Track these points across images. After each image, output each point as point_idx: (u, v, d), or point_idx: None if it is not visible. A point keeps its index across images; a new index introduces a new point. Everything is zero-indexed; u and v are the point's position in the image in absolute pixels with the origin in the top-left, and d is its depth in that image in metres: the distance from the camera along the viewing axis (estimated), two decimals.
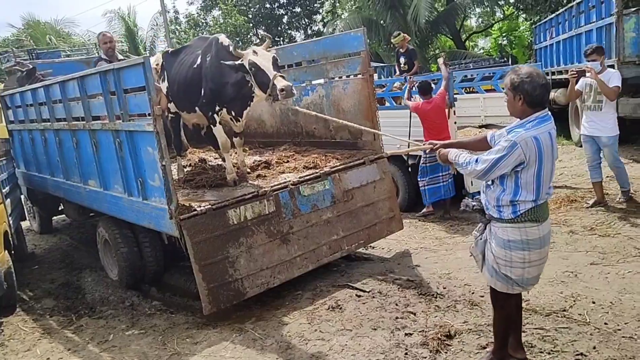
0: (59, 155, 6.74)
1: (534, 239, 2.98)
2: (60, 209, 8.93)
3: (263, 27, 28.29)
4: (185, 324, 4.82)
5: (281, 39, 28.18)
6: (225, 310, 4.74)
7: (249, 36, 27.26)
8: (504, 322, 3.34)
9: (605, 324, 3.82)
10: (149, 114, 4.46)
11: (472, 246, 3.36)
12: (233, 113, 5.46)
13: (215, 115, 5.43)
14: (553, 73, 12.09)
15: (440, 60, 7.72)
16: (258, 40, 28.73)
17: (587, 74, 6.30)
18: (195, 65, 5.48)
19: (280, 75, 4.85)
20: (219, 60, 5.17)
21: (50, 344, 4.74)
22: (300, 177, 5.43)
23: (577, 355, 3.45)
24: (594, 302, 4.16)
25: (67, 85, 5.94)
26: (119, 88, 4.89)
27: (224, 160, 5.73)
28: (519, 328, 3.47)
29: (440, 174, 7.16)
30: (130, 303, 5.52)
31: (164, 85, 5.94)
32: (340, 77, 6.45)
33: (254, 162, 6.29)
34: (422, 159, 7.23)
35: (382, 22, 21.49)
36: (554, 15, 12.46)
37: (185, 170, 6.29)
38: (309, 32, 29.90)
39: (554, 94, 11.95)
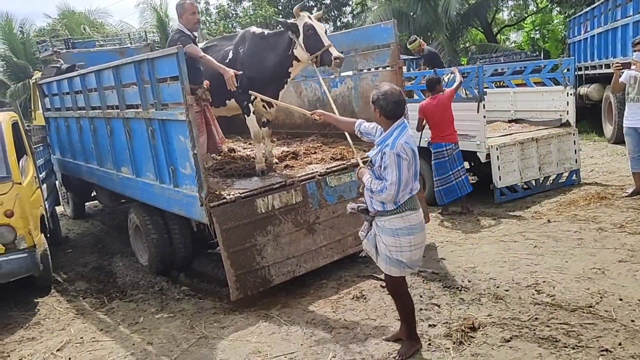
0: (93, 142, 6.93)
1: (415, 224, 3.49)
2: (93, 195, 9.21)
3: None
4: (212, 309, 4.94)
5: None
6: (251, 296, 4.84)
7: (278, 27, 27.30)
8: (407, 307, 3.74)
9: (632, 321, 3.79)
10: (182, 103, 4.57)
11: (365, 242, 3.73)
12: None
13: (250, 105, 5.55)
14: (587, 68, 11.87)
15: (454, 69, 7.59)
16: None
17: (633, 67, 6.33)
18: (227, 61, 5.58)
19: (333, 46, 5.16)
20: (256, 48, 5.44)
21: (83, 324, 4.92)
22: (327, 168, 5.49)
23: (602, 351, 3.44)
24: (621, 299, 4.13)
25: (103, 74, 6.10)
26: (153, 77, 5.01)
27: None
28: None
29: (451, 172, 6.95)
30: (159, 288, 5.67)
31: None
32: (369, 69, 6.45)
33: (282, 153, 6.37)
34: (432, 156, 7.12)
35: (412, 14, 21.30)
36: (589, 8, 12.20)
37: (214, 159, 6.40)
38: (338, 24, 29.85)
39: (587, 90, 11.76)
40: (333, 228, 5.34)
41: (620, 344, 3.49)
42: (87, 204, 9.98)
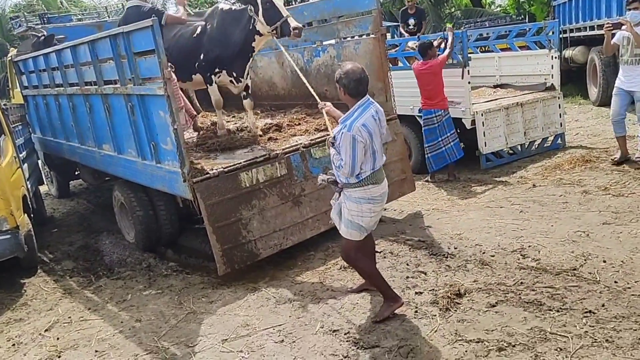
0: (73, 120, 6.80)
1: (376, 195, 3.69)
2: (76, 173, 9.09)
3: None
4: (200, 284, 4.93)
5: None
6: (239, 270, 4.84)
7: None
8: (370, 272, 3.93)
9: (615, 282, 3.84)
10: (160, 78, 4.47)
11: (332, 211, 3.98)
12: (234, 74, 5.68)
13: (212, 76, 5.70)
14: (571, 30, 11.77)
15: (449, 26, 7.53)
16: None
17: (623, 27, 6.15)
18: (195, 35, 5.73)
19: (291, 16, 5.20)
20: (222, 23, 5.53)
21: (71, 304, 4.90)
22: (311, 140, 5.44)
23: (586, 312, 3.49)
24: (604, 261, 4.17)
25: (79, 50, 5.94)
26: (130, 52, 4.88)
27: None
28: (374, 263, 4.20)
29: (440, 139, 6.94)
30: (147, 264, 5.65)
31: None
32: (352, 37, 6.34)
33: (265, 125, 6.28)
34: (422, 122, 7.08)
35: None
36: None
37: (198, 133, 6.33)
38: None
39: (571, 52, 11.70)
40: (319, 200, 5.31)
41: (603, 305, 3.54)
42: (71, 182, 9.86)
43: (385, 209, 6.17)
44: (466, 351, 3.25)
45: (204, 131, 6.28)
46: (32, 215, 6.26)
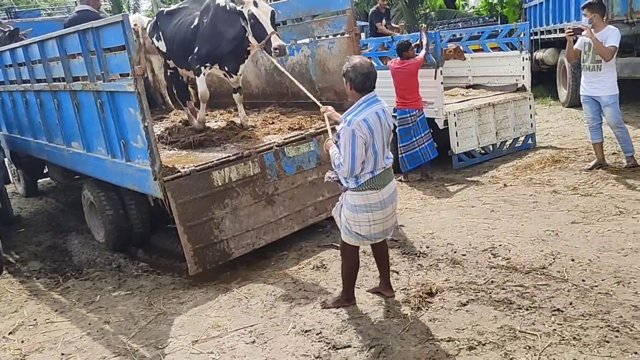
0: (40, 117, 6.63)
1: (375, 202, 3.51)
2: (45, 171, 8.87)
3: None
4: (171, 285, 4.86)
5: None
6: (211, 270, 4.78)
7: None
8: (350, 269, 3.90)
9: (583, 280, 3.90)
10: (130, 74, 4.38)
11: (334, 210, 3.89)
12: (226, 68, 5.75)
13: (201, 68, 5.71)
14: (542, 32, 11.98)
15: (423, 26, 7.61)
16: None
17: (583, 32, 6.02)
18: (192, 26, 5.74)
19: (276, 34, 5.18)
20: (216, 20, 5.48)
21: (37, 305, 4.77)
22: (285, 139, 5.41)
23: (554, 311, 3.54)
24: (573, 260, 4.24)
25: (46, 45, 5.80)
26: (99, 47, 4.78)
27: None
28: (387, 270, 4.06)
29: (414, 139, 6.96)
30: (117, 265, 5.54)
31: (161, 44, 6.25)
32: (327, 37, 6.33)
33: (237, 124, 6.23)
34: (397, 123, 7.09)
35: None
36: None
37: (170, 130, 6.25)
38: None
39: (542, 54, 11.90)
40: (292, 199, 5.29)
41: (571, 304, 3.60)
42: (39, 181, 9.62)
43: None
44: (437, 350, 3.27)
45: (175, 129, 6.21)
46: None
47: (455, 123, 7.31)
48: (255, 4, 5.19)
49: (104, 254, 5.91)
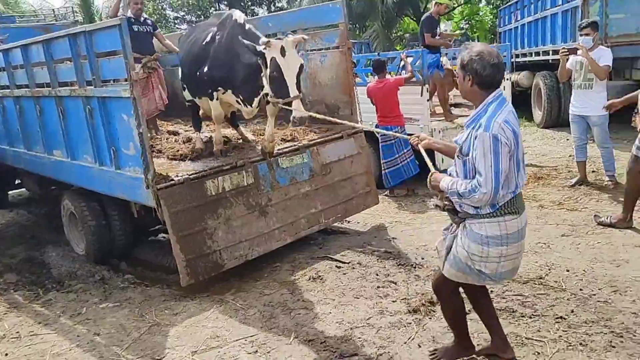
0: (19, 124, 6.42)
1: (513, 232, 2.73)
2: (17, 182, 8.57)
3: (225, 2, 27.68)
4: (161, 297, 4.70)
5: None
6: (202, 282, 4.66)
7: (211, 11, 26.59)
8: (455, 313, 3.16)
9: (581, 289, 3.96)
10: (126, 80, 4.29)
11: (440, 241, 3.06)
12: (241, 97, 5.01)
13: (214, 93, 5.10)
14: (517, 55, 12.34)
15: (403, 55, 7.76)
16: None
17: (579, 52, 6.15)
18: (204, 42, 5.15)
19: (300, 98, 4.32)
20: (231, 38, 4.80)
21: (18, 318, 4.54)
22: (278, 150, 5.36)
23: (557, 318, 3.57)
24: (568, 270, 4.31)
25: (30, 50, 5.66)
26: (91, 52, 4.67)
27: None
28: (497, 320, 3.19)
29: (397, 155, 7.01)
30: (100, 277, 5.34)
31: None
32: (319, 50, 6.35)
33: (229, 136, 6.17)
34: (379, 138, 7.16)
35: (349, 0, 21.38)
36: None
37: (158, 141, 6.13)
38: (273, 8, 29.43)
39: (517, 77, 12.23)
40: (286, 210, 5.23)
41: (572, 311, 3.64)
42: (10, 192, 9.27)
43: (349, 221, 6.21)
44: None
45: (159, 136, 6.14)
46: None
47: (440, 139, 7.39)
48: (283, 52, 4.24)
49: (85, 266, 5.69)
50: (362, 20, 20.22)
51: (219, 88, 5.05)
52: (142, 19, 6.54)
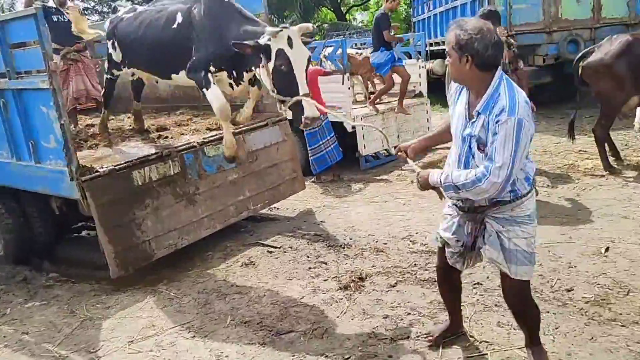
0: None
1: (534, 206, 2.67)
2: None
3: None
4: (91, 292, 4.61)
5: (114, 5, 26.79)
6: (134, 275, 4.62)
7: (123, 1, 25.51)
8: (537, 315, 2.87)
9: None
10: (44, 71, 4.15)
11: (486, 249, 2.70)
12: (235, 74, 4.52)
13: (209, 76, 4.42)
14: (431, 44, 12.89)
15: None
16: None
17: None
18: (175, 25, 4.61)
19: (310, 96, 3.92)
20: (215, 11, 4.37)
21: None
22: (204, 138, 5.38)
23: (475, 284, 3.89)
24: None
25: None
26: (4, 43, 4.47)
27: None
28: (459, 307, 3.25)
29: (321, 142, 7.21)
30: (22, 277, 5.13)
31: (115, 53, 5.39)
32: None
33: (147, 127, 6.11)
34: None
35: None
36: None
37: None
38: None
39: (430, 65, 12.80)
40: (214, 198, 5.26)
41: (488, 277, 3.97)
42: None
43: (277, 208, 6.35)
44: (377, 325, 3.47)
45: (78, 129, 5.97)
46: None
47: (362, 127, 7.68)
48: (290, 43, 3.81)
49: (4, 267, 5.44)
50: (281, 11, 20.28)
51: (213, 68, 4.44)
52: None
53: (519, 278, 2.64)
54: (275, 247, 5.06)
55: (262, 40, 3.91)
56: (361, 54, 8.85)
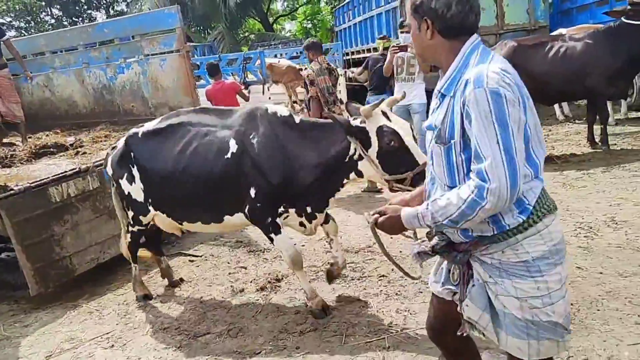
0: None
1: (560, 239, 1.83)
2: None
3: (58, 6, 25.92)
4: (9, 312, 4.60)
5: (80, 19, 26.13)
6: (54, 292, 4.65)
7: (42, 16, 24.74)
8: None
9: (400, 251, 4.67)
10: None
11: (465, 307, 1.92)
12: (309, 210, 3.69)
13: (277, 221, 3.66)
14: (352, 53, 13.38)
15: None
16: (53, 20, 26.23)
17: (409, 49, 6.66)
18: (227, 155, 3.59)
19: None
20: (278, 138, 3.54)
21: None
22: None
23: (380, 277, 4.22)
24: (392, 238, 5.00)
25: None
26: None
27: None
28: None
29: None
30: None
31: (133, 188, 4.06)
32: (158, 55, 6.52)
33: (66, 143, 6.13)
34: None
35: (189, 2, 21.27)
36: None
37: None
38: (112, 12, 28.18)
39: (351, 74, 13.29)
40: None
41: (392, 270, 4.30)
42: None
43: None
44: (288, 321, 3.71)
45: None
46: None
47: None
48: (387, 117, 3.29)
49: None
50: (206, 22, 20.30)
51: (282, 209, 3.65)
52: None
53: (513, 353, 1.86)
54: (197, 256, 5.21)
55: (356, 122, 3.35)
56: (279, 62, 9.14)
